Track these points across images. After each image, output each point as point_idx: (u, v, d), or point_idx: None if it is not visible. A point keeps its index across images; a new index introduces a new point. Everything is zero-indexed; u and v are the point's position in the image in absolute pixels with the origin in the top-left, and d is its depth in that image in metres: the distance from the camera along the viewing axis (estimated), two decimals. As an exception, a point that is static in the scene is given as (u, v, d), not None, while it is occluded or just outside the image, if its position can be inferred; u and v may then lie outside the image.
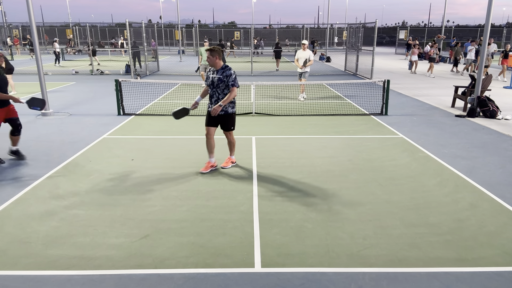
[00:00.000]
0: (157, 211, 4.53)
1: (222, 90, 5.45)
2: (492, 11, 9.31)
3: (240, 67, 23.06)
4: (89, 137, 7.65)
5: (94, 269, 3.41)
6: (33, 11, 8.83)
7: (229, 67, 5.49)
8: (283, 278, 3.31)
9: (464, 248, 3.75)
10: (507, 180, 5.51)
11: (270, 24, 77.24)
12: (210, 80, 5.50)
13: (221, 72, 5.41)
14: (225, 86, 5.43)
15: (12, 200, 4.77)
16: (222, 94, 5.46)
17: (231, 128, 5.74)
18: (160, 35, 46.21)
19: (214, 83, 5.45)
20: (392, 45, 48.64)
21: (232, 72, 5.43)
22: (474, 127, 8.72)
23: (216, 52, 5.35)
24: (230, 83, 5.41)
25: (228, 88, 5.45)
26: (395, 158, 6.42)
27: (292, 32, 47.91)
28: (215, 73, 5.46)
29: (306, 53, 11.61)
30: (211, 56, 5.36)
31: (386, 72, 20.16)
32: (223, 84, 5.41)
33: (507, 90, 14.31)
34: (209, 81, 5.53)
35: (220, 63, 5.43)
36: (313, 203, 4.74)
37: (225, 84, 5.41)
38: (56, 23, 46.46)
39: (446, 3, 33.10)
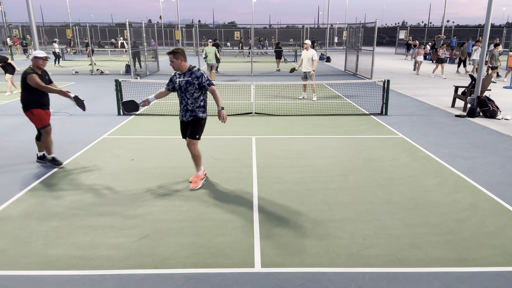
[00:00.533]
0: (157, 211, 4.53)
1: (191, 94, 4.92)
2: (492, 11, 9.31)
3: (240, 67, 23.07)
4: (89, 137, 7.65)
5: (94, 269, 3.41)
6: (33, 11, 8.83)
7: (197, 68, 4.99)
8: (283, 278, 3.31)
9: (464, 248, 3.75)
10: (507, 180, 5.51)
11: (270, 24, 77.25)
12: (177, 84, 4.96)
13: (189, 74, 4.91)
14: (195, 89, 4.92)
15: (12, 200, 4.77)
16: (191, 99, 4.95)
17: (196, 136, 5.08)
18: (160, 35, 46.20)
19: (182, 88, 4.92)
20: (392, 45, 48.66)
21: (202, 72, 4.94)
22: (474, 127, 8.72)
23: (180, 53, 4.86)
24: (205, 84, 4.94)
25: (198, 92, 4.96)
26: (395, 158, 6.42)
27: (292, 32, 47.90)
28: (182, 76, 4.94)
29: (309, 53, 11.62)
30: (174, 59, 4.83)
31: (386, 72, 20.16)
32: (193, 87, 4.89)
33: (507, 90, 14.32)
34: (176, 86, 5.00)
35: (185, 65, 4.93)
36: (313, 203, 4.74)
37: (195, 87, 4.90)
38: (56, 23, 46.47)
39: (446, 3, 33.11)
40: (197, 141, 5.09)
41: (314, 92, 12.08)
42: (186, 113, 5.03)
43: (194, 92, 4.95)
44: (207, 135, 7.76)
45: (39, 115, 5.76)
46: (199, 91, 4.96)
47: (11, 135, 7.77)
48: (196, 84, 4.89)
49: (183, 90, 4.94)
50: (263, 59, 30.46)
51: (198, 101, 5.01)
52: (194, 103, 5.00)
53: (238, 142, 7.30)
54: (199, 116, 5.05)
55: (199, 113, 5.06)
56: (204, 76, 4.90)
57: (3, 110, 10.26)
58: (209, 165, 6.03)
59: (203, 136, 5.83)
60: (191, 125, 5.04)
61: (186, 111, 5.03)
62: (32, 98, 5.69)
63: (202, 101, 5.05)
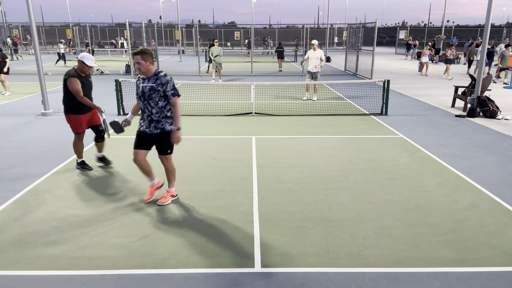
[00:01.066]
0: (157, 211, 4.53)
1: (156, 102, 4.33)
2: (492, 11, 9.31)
3: (241, 67, 23.07)
4: (89, 137, 7.64)
5: (94, 269, 3.41)
6: (33, 11, 8.83)
7: (165, 73, 4.37)
8: (283, 278, 3.31)
9: (464, 248, 3.75)
10: (507, 180, 5.51)
11: (270, 24, 77.26)
12: (140, 90, 4.38)
13: (154, 79, 4.31)
14: (160, 97, 4.33)
15: (12, 200, 4.77)
16: (156, 108, 4.34)
17: (168, 151, 4.57)
18: (160, 35, 46.19)
19: (145, 94, 4.34)
20: (392, 45, 48.65)
21: (168, 78, 4.34)
22: (474, 127, 8.72)
23: (149, 55, 4.30)
24: (169, 93, 4.33)
25: (164, 100, 4.37)
26: (395, 158, 6.42)
27: (292, 32, 47.90)
28: (146, 81, 4.36)
29: (317, 53, 11.58)
30: (142, 61, 4.24)
31: (386, 72, 20.16)
32: (157, 94, 4.31)
33: (507, 90, 14.31)
34: (138, 91, 4.42)
35: (152, 69, 4.34)
36: (313, 203, 4.74)
37: (159, 95, 4.32)
38: (56, 23, 46.45)
39: (446, 3, 33.09)
40: (170, 156, 4.64)
41: (315, 92, 12.10)
42: (150, 123, 4.42)
43: (159, 101, 4.35)
44: (207, 135, 7.77)
45: (75, 121, 5.59)
46: (165, 99, 4.38)
47: (11, 135, 7.77)
48: (161, 91, 4.31)
49: (146, 97, 4.35)
50: (266, 59, 30.43)
51: (164, 111, 4.40)
52: (159, 113, 4.38)
53: (238, 142, 7.30)
54: (167, 129, 4.45)
55: (166, 125, 4.44)
56: (170, 84, 4.33)
57: (3, 110, 10.26)
58: (209, 165, 6.03)
59: (203, 136, 5.82)
60: (159, 141, 4.49)
61: (150, 122, 4.42)
62: (71, 102, 5.47)
63: (169, 111, 4.44)
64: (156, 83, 4.31)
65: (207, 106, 10.83)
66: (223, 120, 9.16)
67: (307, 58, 11.80)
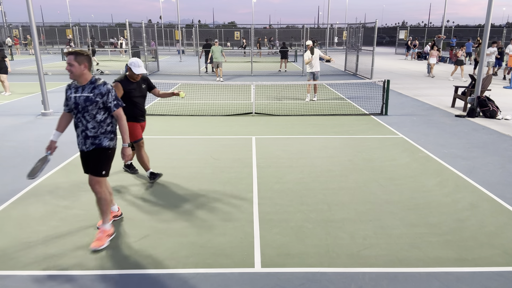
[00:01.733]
0: (157, 211, 4.53)
1: (92, 116, 3.62)
2: (492, 11, 9.31)
3: (241, 67, 23.07)
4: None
5: (94, 269, 3.41)
6: (33, 11, 8.83)
7: (104, 81, 3.67)
8: (283, 278, 3.31)
9: (464, 248, 3.75)
10: (507, 180, 5.51)
11: (270, 24, 77.28)
12: (72, 101, 3.62)
13: (90, 88, 3.60)
14: (99, 110, 3.63)
15: (12, 200, 4.77)
16: (93, 122, 3.63)
17: (102, 172, 3.76)
18: (160, 35, 46.20)
19: (79, 106, 3.59)
20: (392, 45, 48.66)
21: (109, 87, 3.66)
22: (474, 127, 8.72)
23: (85, 58, 3.55)
24: (111, 105, 3.66)
25: (104, 113, 3.67)
26: (395, 158, 6.42)
27: (292, 32, 47.90)
28: (80, 90, 3.61)
29: (316, 52, 11.55)
30: (75, 63, 3.49)
31: (386, 72, 20.16)
32: (94, 106, 3.59)
33: (507, 90, 14.32)
34: (70, 102, 3.64)
35: (87, 75, 3.62)
36: (313, 203, 4.74)
37: (97, 107, 3.61)
38: (56, 23, 46.46)
39: (446, 3, 33.10)
40: (104, 179, 3.78)
41: (315, 92, 12.09)
42: (85, 140, 3.70)
43: (97, 114, 3.64)
44: (207, 135, 7.77)
45: (130, 128, 5.02)
46: (104, 112, 3.68)
47: (11, 135, 7.77)
48: (100, 102, 3.61)
49: (80, 109, 3.60)
50: (272, 59, 30.42)
51: (103, 125, 3.69)
52: (97, 128, 3.68)
53: (238, 142, 7.30)
54: (104, 145, 3.72)
55: (105, 140, 3.73)
56: (111, 93, 3.66)
57: (3, 110, 10.26)
58: (209, 165, 6.03)
59: (204, 136, 5.79)
60: (93, 158, 3.73)
61: (85, 138, 3.69)
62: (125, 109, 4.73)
63: (109, 125, 3.76)
64: (94, 92, 3.59)
65: (207, 106, 10.83)
66: (223, 120, 9.16)
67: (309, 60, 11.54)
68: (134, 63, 4.97)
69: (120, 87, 4.95)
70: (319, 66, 11.69)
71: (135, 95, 5.08)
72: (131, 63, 4.99)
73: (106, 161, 3.80)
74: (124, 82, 5.00)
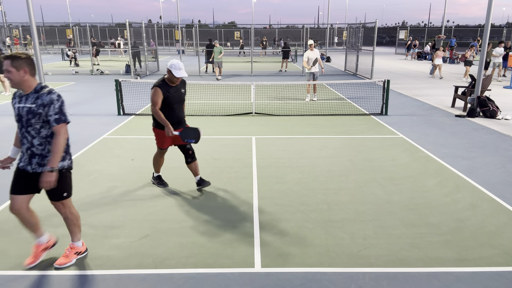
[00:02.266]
0: (157, 211, 4.53)
1: (37, 130, 3.12)
2: (492, 11, 9.31)
3: (241, 67, 23.07)
4: (89, 137, 7.65)
5: (94, 269, 3.41)
6: (33, 11, 8.84)
7: (50, 90, 3.12)
8: (283, 278, 3.31)
9: (464, 248, 3.75)
10: (507, 180, 5.51)
11: (270, 24, 77.30)
12: (16, 112, 3.16)
13: (33, 98, 3.08)
14: (43, 123, 3.11)
15: (12, 200, 4.77)
16: (38, 138, 3.13)
17: (63, 194, 3.31)
18: (160, 35, 46.20)
19: (23, 118, 3.12)
20: (392, 45, 48.66)
21: (54, 97, 3.08)
22: (474, 127, 8.72)
23: (24, 61, 3.03)
24: (51, 118, 3.08)
25: (47, 127, 3.14)
26: (395, 158, 6.42)
27: (292, 32, 47.90)
28: (23, 100, 3.12)
29: (315, 53, 11.46)
30: (12, 68, 2.98)
31: (386, 72, 20.16)
32: (38, 119, 3.08)
33: (507, 90, 14.32)
34: (15, 113, 3.17)
35: (31, 82, 3.10)
36: (313, 203, 4.74)
37: (41, 120, 3.09)
38: (56, 23, 46.47)
39: (446, 3, 33.10)
40: (69, 200, 3.38)
41: (315, 92, 12.08)
42: (31, 159, 3.18)
43: (42, 128, 3.12)
44: (207, 135, 7.76)
45: (160, 136, 4.89)
46: (47, 126, 3.14)
47: (11, 135, 7.76)
48: (43, 115, 3.08)
49: (24, 122, 3.12)
50: (271, 59, 30.45)
51: (51, 141, 3.16)
52: (44, 145, 3.16)
53: (238, 142, 7.30)
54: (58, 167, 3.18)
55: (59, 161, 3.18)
56: (55, 104, 3.07)
57: (3, 110, 10.26)
58: (209, 165, 6.03)
59: (203, 136, 5.77)
60: None
61: (31, 157, 3.18)
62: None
63: None
64: (36, 103, 3.06)
65: (207, 106, 10.83)
66: (223, 120, 9.16)
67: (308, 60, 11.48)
68: (174, 66, 4.59)
69: (159, 93, 4.60)
70: (318, 67, 11.66)
71: (174, 101, 4.72)
72: (172, 66, 4.60)
73: (64, 183, 3.27)
74: (163, 87, 4.65)
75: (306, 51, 11.75)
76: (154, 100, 4.62)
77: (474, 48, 17.58)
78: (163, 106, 4.67)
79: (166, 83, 4.71)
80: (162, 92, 4.63)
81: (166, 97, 4.66)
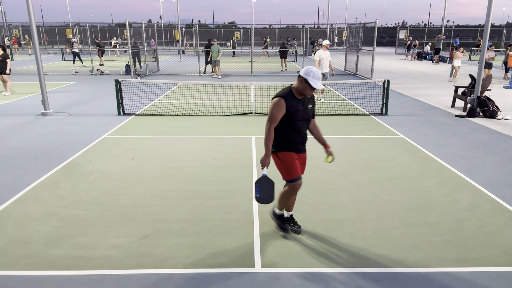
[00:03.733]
0: (157, 211, 4.53)
1: None
2: (492, 11, 9.31)
3: (241, 67, 23.07)
4: (89, 137, 7.65)
5: (94, 269, 3.41)
6: (33, 11, 8.83)
7: None
8: (283, 278, 3.31)
9: (464, 248, 3.75)
10: (507, 180, 5.51)
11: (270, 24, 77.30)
12: None
13: None
14: None
15: (12, 200, 4.77)
16: None
17: None
18: (160, 35, 46.19)
19: None
20: (392, 45, 48.66)
21: None
22: (474, 127, 8.72)
23: None
24: None
25: None
26: (395, 158, 6.42)
27: (292, 32, 47.90)
28: None
29: (327, 54, 11.29)
30: None
31: (386, 72, 20.16)
32: None
33: (507, 90, 14.32)
34: None
35: None
36: (313, 203, 4.73)
37: None
38: (56, 23, 46.45)
39: (446, 3, 33.10)
40: None
41: (322, 93, 12.04)
42: None
43: None
44: (207, 135, 7.76)
45: (288, 161, 3.75)
46: None
47: (11, 135, 7.76)
48: None
49: None
50: (271, 59, 30.44)
51: None
52: None
53: (238, 142, 7.30)
54: None
55: None
56: None
57: (3, 110, 10.26)
58: (209, 165, 6.03)
59: (204, 136, 5.77)
60: None
61: None
62: (283, 134, 3.71)
63: None
64: None
65: (207, 106, 10.83)
66: (223, 120, 9.15)
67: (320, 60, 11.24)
68: (314, 74, 3.52)
69: (283, 105, 3.58)
70: (328, 67, 11.54)
71: (299, 118, 3.66)
72: (310, 73, 3.52)
73: None
74: (288, 99, 3.60)
75: (319, 50, 11.42)
76: (273, 114, 3.61)
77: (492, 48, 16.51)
78: (283, 124, 3.65)
79: (293, 94, 3.64)
80: (287, 105, 3.59)
81: (290, 113, 3.61)
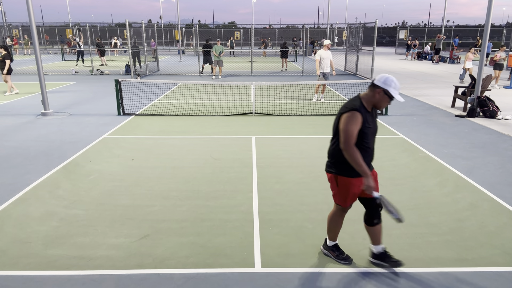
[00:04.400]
0: (157, 211, 4.53)
1: None
2: (492, 11, 9.31)
3: (241, 67, 23.07)
4: (89, 137, 7.65)
5: (94, 269, 3.41)
6: (33, 11, 8.83)
7: None
8: (283, 278, 3.31)
9: (464, 248, 3.75)
10: (507, 180, 5.51)
11: (270, 24, 77.33)
12: None
13: None
14: None
15: (12, 200, 4.77)
16: None
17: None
18: (160, 35, 46.18)
19: None
20: (392, 45, 48.66)
21: None
22: (474, 127, 8.72)
23: None
24: None
25: None
26: (395, 158, 6.42)
27: (292, 32, 47.90)
28: None
29: (328, 54, 11.29)
30: None
31: (386, 72, 20.12)
32: None
33: (507, 90, 14.31)
34: None
35: None
36: (313, 203, 4.73)
37: None
38: (56, 23, 46.46)
39: (446, 3, 33.09)
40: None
41: (323, 93, 11.96)
42: None
43: None
44: (207, 135, 7.76)
45: (346, 188, 3.31)
46: None
47: (11, 135, 7.77)
48: None
49: None
50: (271, 59, 30.45)
51: None
52: None
53: (238, 142, 7.30)
54: None
55: None
56: None
57: (3, 110, 10.26)
58: (209, 165, 6.03)
59: (204, 136, 5.78)
60: None
61: None
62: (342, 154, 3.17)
63: None
64: None
65: (207, 106, 10.83)
66: (223, 120, 9.16)
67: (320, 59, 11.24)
68: (395, 84, 3.07)
69: (359, 119, 3.06)
70: (329, 67, 11.54)
71: (371, 132, 3.19)
72: (389, 83, 3.06)
73: None
74: (363, 112, 3.10)
75: (320, 50, 11.40)
76: (351, 130, 3.06)
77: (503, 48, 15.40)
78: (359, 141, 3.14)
79: (364, 107, 3.13)
80: (362, 120, 3.08)
81: (363, 128, 3.10)
